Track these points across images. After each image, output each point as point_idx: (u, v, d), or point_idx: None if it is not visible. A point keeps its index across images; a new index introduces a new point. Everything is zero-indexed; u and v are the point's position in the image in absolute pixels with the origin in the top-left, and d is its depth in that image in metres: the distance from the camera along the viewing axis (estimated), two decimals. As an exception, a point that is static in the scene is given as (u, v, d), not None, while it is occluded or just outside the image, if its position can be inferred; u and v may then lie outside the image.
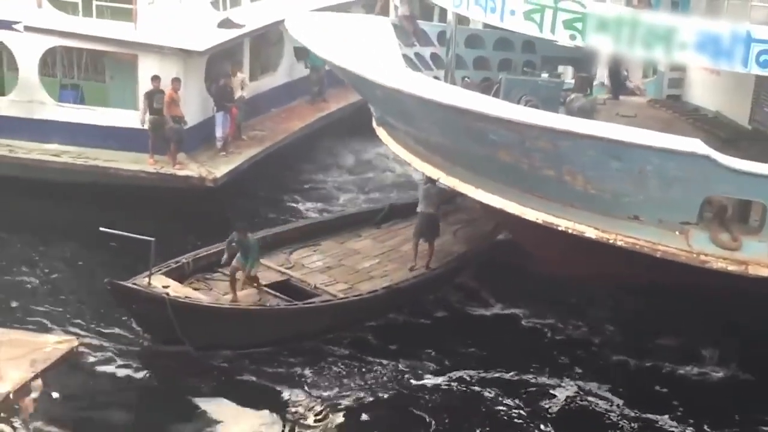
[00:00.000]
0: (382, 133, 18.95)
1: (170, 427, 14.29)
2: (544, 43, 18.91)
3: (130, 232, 15.13)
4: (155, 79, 20.46)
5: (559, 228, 14.94)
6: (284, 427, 14.36)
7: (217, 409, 14.52)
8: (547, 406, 15.02)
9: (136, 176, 20.55)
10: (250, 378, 15.23)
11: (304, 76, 25.68)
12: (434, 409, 14.86)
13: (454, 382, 15.47)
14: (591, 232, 14.66)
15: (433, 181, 17.45)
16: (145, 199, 19.63)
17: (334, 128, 24.94)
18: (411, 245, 18.11)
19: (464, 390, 15.34)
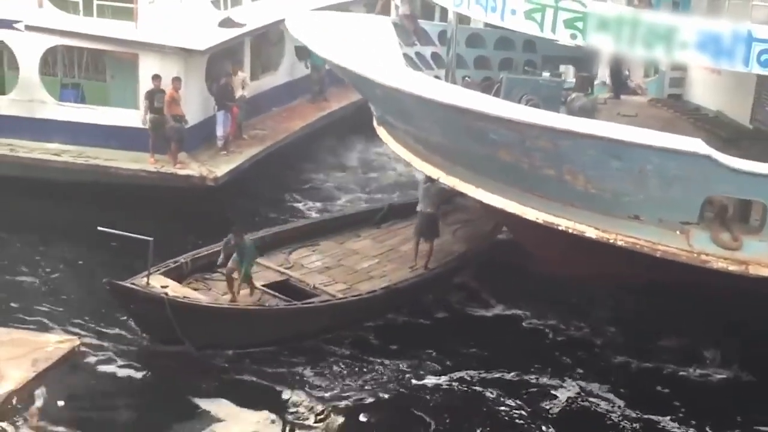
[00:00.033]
0: (382, 133, 18.86)
1: (171, 427, 14.15)
2: (545, 42, 18.81)
3: (131, 231, 15.06)
4: (156, 78, 20.36)
5: (560, 228, 14.85)
6: (285, 427, 14.27)
7: (218, 408, 14.41)
8: (549, 406, 14.93)
9: (136, 175, 20.46)
10: (251, 378, 15.12)
11: (305, 76, 25.63)
12: (435, 409, 14.77)
13: (455, 382, 15.38)
14: (591, 232, 14.57)
15: (433, 181, 17.33)
16: (146, 198, 19.54)
17: (335, 127, 24.86)
18: (410, 245, 18.03)
19: (465, 390, 15.24)
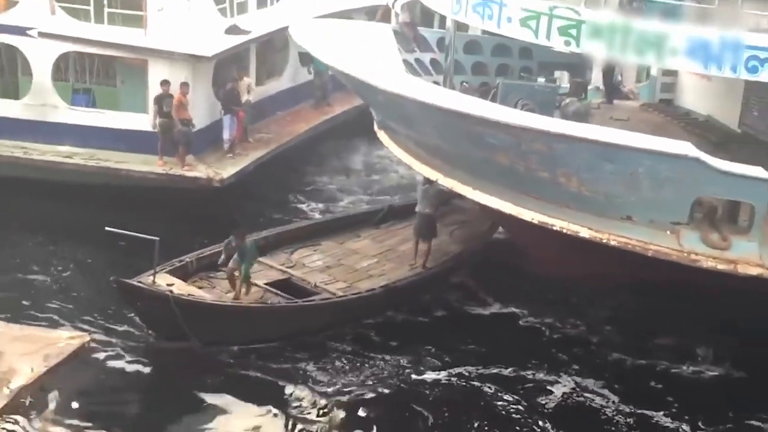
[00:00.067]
0: (383, 136, 18.93)
1: (177, 420, 14.22)
2: (541, 49, 18.90)
3: (140, 231, 15.11)
4: (165, 83, 20.51)
5: (554, 228, 14.92)
6: (289, 421, 14.31)
7: (223, 402, 14.48)
8: (545, 401, 14.98)
9: (145, 177, 20.59)
10: (255, 373, 15.18)
11: (308, 81, 25.68)
12: (434, 403, 14.83)
13: (454, 377, 15.44)
14: (585, 232, 14.65)
15: (431, 183, 17.44)
16: (155, 199, 19.65)
17: (337, 131, 24.97)
18: (408, 245, 18.14)
19: (464, 385, 15.30)
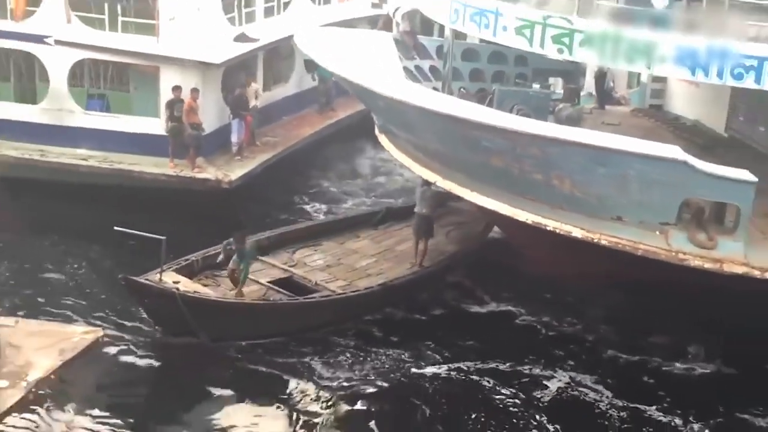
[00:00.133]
0: (384, 140, 18.88)
1: (185, 412, 14.20)
2: (536, 56, 18.84)
3: (151, 231, 15.07)
4: (176, 89, 20.50)
5: (548, 228, 14.86)
6: (293, 413, 14.31)
7: (229, 395, 14.51)
8: (540, 395, 14.97)
9: (157, 179, 20.61)
10: (261, 368, 15.19)
11: (313, 87, 25.73)
12: (434, 396, 14.84)
13: (453, 372, 15.43)
14: (577, 232, 14.59)
15: (429, 185, 17.40)
16: (166, 200, 19.61)
17: (341, 135, 24.96)
18: (405, 245, 18.22)
19: (462, 379, 15.30)
